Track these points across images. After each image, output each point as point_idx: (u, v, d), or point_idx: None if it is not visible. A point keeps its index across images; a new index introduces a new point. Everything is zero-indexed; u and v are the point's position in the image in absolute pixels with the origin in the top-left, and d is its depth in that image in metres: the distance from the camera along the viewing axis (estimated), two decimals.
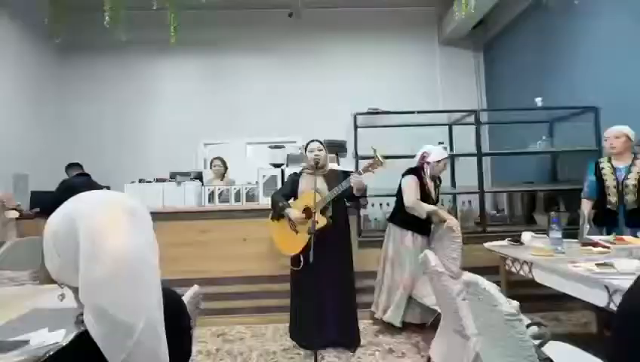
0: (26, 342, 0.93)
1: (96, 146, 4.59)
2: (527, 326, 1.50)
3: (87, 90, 4.69)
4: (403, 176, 2.55)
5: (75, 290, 0.60)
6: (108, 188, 4.38)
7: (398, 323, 2.42)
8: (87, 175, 3.98)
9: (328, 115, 4.43)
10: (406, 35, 4.83)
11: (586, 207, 2.40)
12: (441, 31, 4.81)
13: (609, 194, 2.29)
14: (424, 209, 2.38)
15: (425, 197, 2.47)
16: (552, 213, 2.09)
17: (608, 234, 2.14)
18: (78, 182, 3.78)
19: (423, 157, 2.52)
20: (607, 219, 2.30)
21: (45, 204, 3.64)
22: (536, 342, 1.21)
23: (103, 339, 0.55)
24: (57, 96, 4.60)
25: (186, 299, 1.06)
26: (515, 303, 1.08)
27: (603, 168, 2.34)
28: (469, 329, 1.53)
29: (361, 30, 4.81)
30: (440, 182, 2.68)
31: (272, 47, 4.78)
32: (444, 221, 2.37)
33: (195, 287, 1.23)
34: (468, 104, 4.65)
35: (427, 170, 2.50)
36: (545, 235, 2.15)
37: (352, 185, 2.08)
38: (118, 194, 0.68)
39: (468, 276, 1.34)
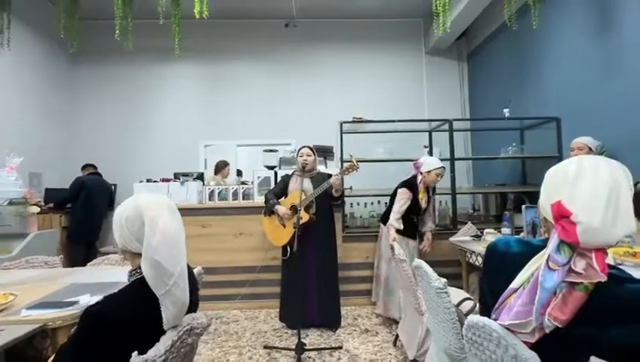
0: (77, 302, 1.26)
1: (105, 147, 4.91)
2: (460, 302, 1.85)
3: (97, 94, 5.00)
4: (399, 186, 2.64)
5: (133, 255, 0.96)
6: (115, 186, 4.73)
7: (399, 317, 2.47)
8: (99, 174, 4.32)
9: (321, 120, 4.75)
10: (394, 45, 5.15)
11: None
12: (427, 41, 5.13)
13: None
14: (391, 234, 2.50)
15: (415, 209, 2.59)
16: (506, 212, 2.43)
17: None
18: (89, 180, 4.12)
19: (417, 166, 2.61)
20: None
21: (59, 199, 3.96)
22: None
23: (154, 279, 0.89)
24: (69, 100, 4.92)
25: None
26: (443, 280, 1.41)
27: None
28: (423, 306, 1.87)
29: (352, 40, 5.13)
30: (434, 192, 2.78)
31: (269, 56, 5.09)
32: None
33: (199, 267, 1.56)
34: (453, 111, 4.99)
35: (420, 180, 2.57)
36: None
37: (332, 185, 2.41)
38: (161, 196, 1.02)
39: (416, 261, 1.68)
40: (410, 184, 2.59)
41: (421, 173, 2.56)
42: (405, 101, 5.02)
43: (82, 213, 3.97)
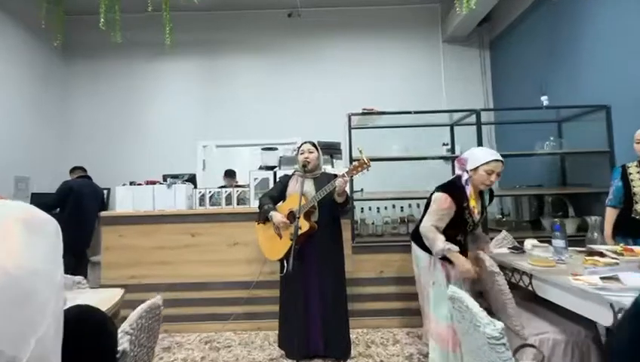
0: None
1: (97, 148, 4.62)
2: (519, 348, 1.37)
3: (88, 93, 4.73)
4: (436, 190, 1.92)
5: None
6: (108, 190, 4.43)
7: None
8: (89, 177, 4.02)
9: (329, 116, 4.33)
10: (408, 32, 4.70)
11: (610, 215, 2.18)
12: (445, 28, 4.66)
13: (636, 202, 2.07)
14: (437, 244, 1.76)
15: (461, 223, 1.85)
16: (556, 219, 1.95)
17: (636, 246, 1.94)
18: (78, 184, 3.81)
19: (461, 163, 1.88)
20: (631, 230, 2.08)
21: (44, 205, 3.67)
22: None
23: None
24: (60, 99, 4.66)
25: (136, 314, 0.98)
26: (500, 325, 0.96)
27: (631, 173, 2.12)
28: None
29: (362, 28, 4.71)
30: (491, 199, 1.99)
31: (271, 48, 4.72)
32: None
33: (155, 299, 1.14)
34: (473, 104, 4.47)
35: (466, 181, 1.82)
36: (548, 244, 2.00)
37: (336, 187, 1.98)
38: (12, 202, 0.60)
39: (452, 290, 1.22)
40: (453, 188, 1.84)
41: (467, 172, 1.84)
42: (421, 95, 4.55)
43: (70, 220, 3.66)
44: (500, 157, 1.81)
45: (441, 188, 1.90)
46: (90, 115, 4.71)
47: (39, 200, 3.77)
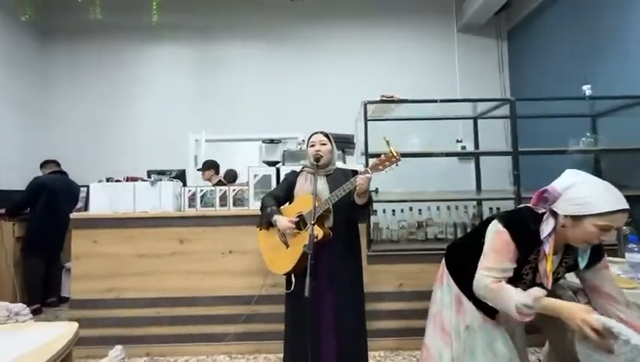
0: None
1: (77, 141, 4.18)
2: None
3: (67, 79, 4.29)
4: (498, 218, 1.26)
5: None
6: (87, 187, 3.99)
7: None
8: (64, 173, 3.59)
9: (334, 109, 3.96)
10: (420, 22, 4.36)
11: None
12: (459, 17, 4.33)
13: None
14: (512, 300, 1.14)
15: (516, 277, 1.25)
16: (626, 228, 1.60)
17: None
18: (51, 180, 3.39)
19: (547, 197, 1.18)
20: None
21: (12, 204, 3.23)
22: None
23: None
24: (35, 87, 4.20)
25: None
26: None
27: None
28: None
29: (370, 17, 4.35)
30: (596, 257, 1.23)
31: (272, 34, 4.33)
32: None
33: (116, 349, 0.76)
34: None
35: (549, 227, 1.16)
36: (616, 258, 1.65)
37: (357, 186, 1.60)
38: None
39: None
40: (521, 227, 1.21)
41: (554, 215, 1.17)
42: (433, 88, 4.20)
43: (42, 220, 3.25)
44: (627, 205, 1.09)
45: (506, 221, 1.22)
46: (71, 104, 4.27)
47: (6, 199, 3.33)
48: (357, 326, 1.77)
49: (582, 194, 1.11)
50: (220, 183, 3.48)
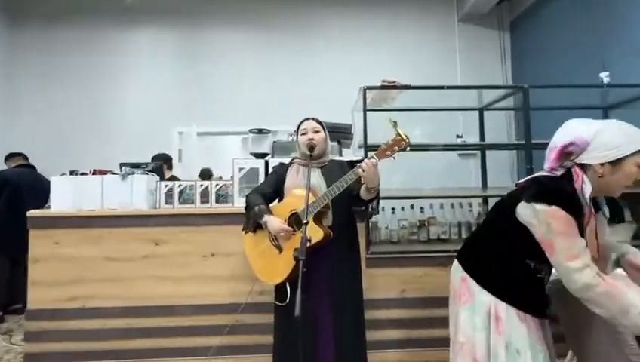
0: None
1: (48, 134, 3.88)
2: None
3: (38, 68, 3.97)
4: (531, 199, 1.05)
5: None
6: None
7: None
8: (32, 166, 3.28)
9: (329, 100, 3.73)
10: (419, 10, 4.19)
11: None
12: (460, 6, 4.16)
13: None
14: (623, 309, 0.95)
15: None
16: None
17: None
18: (15, 174, 3.08)
19: (567, 151, 1.06)
20: None
21: None
22: None
23: None
24: (5, 75, 3.88)
25: None
26: None
27: None
28: None
29: (366, 3, 4.13)
30: (617, 215, 1.24)
31: (260, 20, 4.12)
32: None
33: None
34: (493, 91, 3.99)
35: (583, 182, 1.02)
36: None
37: (361, 176, 1.36)
38: None
39: None
40: (563, 194, 1.03)
41: (583, 167, 1.04)
42: (433, 79, 3.90)
43: (5, 218, 2.96)
44: None
45: (546, 196, 1.03)
46: (40, 94, 3.95)
47: None
48: (356, 337, 1.54)
49: (615, 136, 1.03)
50: (172, 178, 3.16)
